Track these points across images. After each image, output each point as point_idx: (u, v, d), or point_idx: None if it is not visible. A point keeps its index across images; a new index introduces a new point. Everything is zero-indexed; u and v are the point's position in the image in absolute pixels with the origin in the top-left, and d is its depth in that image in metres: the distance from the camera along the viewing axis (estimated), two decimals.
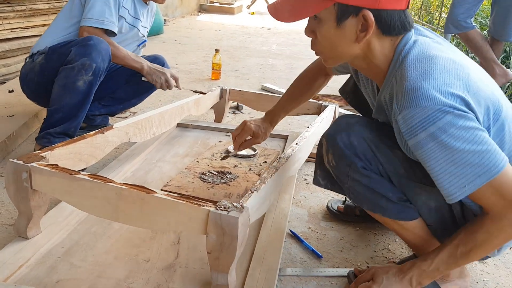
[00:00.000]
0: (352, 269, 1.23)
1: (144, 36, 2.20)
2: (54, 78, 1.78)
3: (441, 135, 0.89)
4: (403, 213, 1.10)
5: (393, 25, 0.98)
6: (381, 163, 1.07)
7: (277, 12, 1.01)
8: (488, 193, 0.92)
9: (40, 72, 1.85)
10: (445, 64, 0.95)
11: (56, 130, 1.75)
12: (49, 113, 1.77)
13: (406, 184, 1.08)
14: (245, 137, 1.56)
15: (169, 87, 2.06)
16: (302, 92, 1.56)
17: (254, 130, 1.55)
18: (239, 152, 1.91)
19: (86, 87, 1.73)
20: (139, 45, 2.20)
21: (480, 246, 0.97)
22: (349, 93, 1.41)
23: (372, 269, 1.13)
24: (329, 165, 1.14)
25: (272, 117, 1.60)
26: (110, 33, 1.91)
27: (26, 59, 1.98)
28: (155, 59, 2.19)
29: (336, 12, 0.96)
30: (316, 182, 1.22)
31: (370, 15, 0.94)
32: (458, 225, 1.10)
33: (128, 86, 2.18)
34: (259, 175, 1.73)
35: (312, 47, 1.06)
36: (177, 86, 2.11)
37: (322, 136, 1.16)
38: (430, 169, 0.93)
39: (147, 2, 2.13)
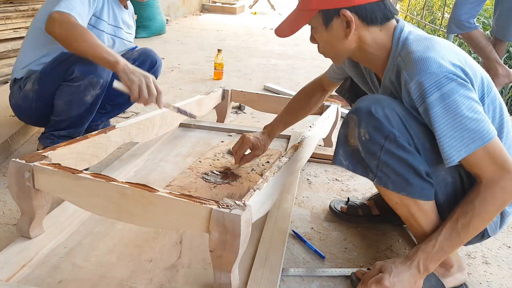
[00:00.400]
0: (355, 271, 1.23)
1: (131, 42, 2.03)
2: (53, 98, 1.71)
3: (446, 99, 1.00)
4: (426, 191, 1.09)
5: (375, 16, 1.12)
6: (411, 136, 1.07)
7: (279, 31, 1.22)
8: (481, 158, 1.02)
9: (38, 99, 1.72)
10: (443, 42, 1.11)
11: (60, 133, 1.75)
12: (54, 121, 1.75)
13: (431, 158, 1.09)
14: (245, 149, 1.64)
15: (149, 96, 1.49)
16: (301, 107, 1.67)
17: (253, 142, 1.64)
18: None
19: (94, 99, 1.72)
20: (130, 50, 2.04)
21: (478, 215, 1.02)
22: (346, 91, 1.53)
23: (377, 264, 1.12)
24: (360, 140, 1.10)
25: (270, 130, 1.69)
26: None
27: (10, 85, 1.81)
28: (143, 54, 1.99)
29: (322, 18, 1.14)
30: (338, 162, 1.16)
31: (348, 13, 1.10)
32: None
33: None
34: (261, 175, 1.73)
35: (319, 51, 1.23)
36: (157, 102, 1.53)
37: (350, 113, 1.12)
38: (436, 132, 1.03)
39: (126, 6, 1.93)
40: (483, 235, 1.17)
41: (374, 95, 1.15)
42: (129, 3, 1.97)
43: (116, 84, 1.47)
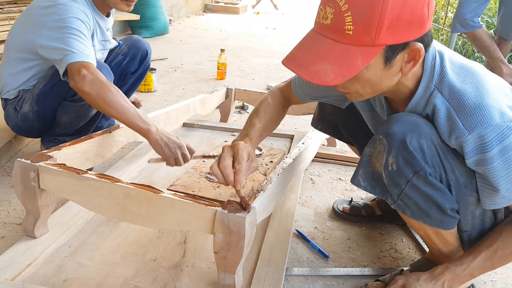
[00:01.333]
0: (366, 284, 1.20)
1: (114, 41, 1.95)
2: (55, 114, 1.69)
3: (508, 152, 0.91)
4: (446, 224, 1.05)
5: (428, 44, 0.93)
6: (445, 169, 1.00)
7: (317, 75, 0.87)
8: None
9: (38, 118, 1.69)
10: (489, 77, 0.97)
11: (65, 139, 1.75)
12: (57, 131, 1.75)
13: (463, 193, 1.03)
14: (245, 161, 1.13)
15: (184, 161, 1.50)
16: (273, 123, 1.30)
17: (249, 152, 1.12)
18: None
19: (98, 112, 1.73)
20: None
21: None
22: (320, 122, 1.46)
23: (400, 279, 1.08)
24: (385, 169, 1.00)
25: (250, 140, 1.19)
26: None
27: (2, 105, 1.75)
28: (132, 47, 1.94)
29: (384, 53, 0.88)
30: (356, 182, 1.08)
31: (420, 46, 0.88)
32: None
33: (121, 87, 2.01)
34: (265, 175, 1.73)
35: (343, 90, 0.98)
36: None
37: (381, 134, 1.00)
38: (496, 184, 0.95)
39: (107, 14, 1.81)
40: None
41: (410, 117, 0.98)
42: (112, 12, 1.86)
43: (153, 161, 1.48)
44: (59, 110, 1.69)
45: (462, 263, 1.04)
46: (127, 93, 2.06)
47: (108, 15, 1.82)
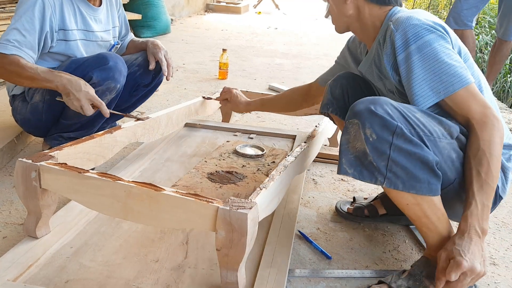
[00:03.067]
0: (369, 286, 1.20)
1: (112, 39, 1.93)
2: (64, 106, 1.67)
3: (426, 47, 1.14)
4: (433, 185, 1.09)
5: None
6: (413, 126, 1.09)
7: None
8: (466, 98, 1.12)
9: (48, 109, 1.71)
10: (428, 13, 1.26)
11: (69, 135, 1.75)
12: (63, 124, 1.75)
13: (434, 141, 1.11)
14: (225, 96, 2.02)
15: (86, 112, 1.57)
16: (281, 101, 1.87)
17: (233, 93, 1.99)
18: (247, 152, 1.91)
19: (109, 103, 1.73)
20: (109, 50, 1.94)
21: (491, 156, 1.07)
22: (331, 105, 1.51)
23: (442, 255, 1.06)
24: (367, 142, 1.09)
25: (250, 100, 1.96)
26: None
27: (10, 102, 1.81)
28: (148, 48, 1.93)
29: None
30: (343, 172, 1.14)
31: None
32: None
33: (131, 97, 2.04)
34: (267, 175, 1.73)
35: (328, 13, 1.38)
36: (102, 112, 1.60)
37: (351, 118, 1.12)
38: (413, 77, 1.14)
39: (98, 3, 1.82)
40: (496, 200, 1.20)
41: (366, 98, 1.15)
42: None
43: (59, 98, 1.60)
44: None
45: (470, 202, 1.06)
46: (136, 104, 2.09)
47: (99, 5, 1.82)
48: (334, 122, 1.63)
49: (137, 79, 1.94)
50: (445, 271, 1.02)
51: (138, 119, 1.66)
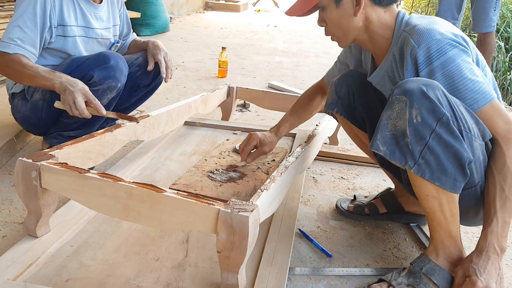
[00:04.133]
0: (370, 284, 1.20)
1: (113, 37, 1.91)
2: None
3: (449, 64, 1.11)
4: (458, 183, 1.09)
5: None
6: (456, 118, 1.07)
7: (291, 11, 1.28)
8: (490, 114, 1.11)
9: (48, 108, 1.68)
10: (444, 20, 1.22)
11: (69, 134, 1.75)
12: (64, 123, 1.74)
13: (471, 139, 1.10)
14: (252, 145, 1.64)
15: (79, 114, 1.54)
16: (304, 110, 1.70)
17: (260, 139, 1.64)
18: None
19: (108, 102, 1.73)
20: (109, 49, 1.93)
21: None
22: (336, 105, 1.47)
23: (459, 272, 1.09)
24: (410, 122, 1.06)
25: (277, 130, 1.68)
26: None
27: (10, 100, 1.80)
28: (148, 49, 1.92)
29: None
30: (375, 147, 1.11)
31: None
32: None
33: (131, 97, 2.03)
34: (267, 173, 1.72)
35: (326, 34, 1.31)
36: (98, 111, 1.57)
37: (397, 95, 1.09)
38: None
39: (99, 0, 1.82)
40: None
41: (418, 78, 1.11)
42: None
43: (57, 104, 1.58)
44: None
45: (491, 219, 1.07)
46: (136, 104, 2.07)
47: (99, 2, 1.81)
48: (337, 121, 1.62)
49: (137, 79, 1.94)
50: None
51: (132, 120, 1.61)
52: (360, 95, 1.41)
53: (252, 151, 1.67)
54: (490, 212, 1.08)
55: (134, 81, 1.93)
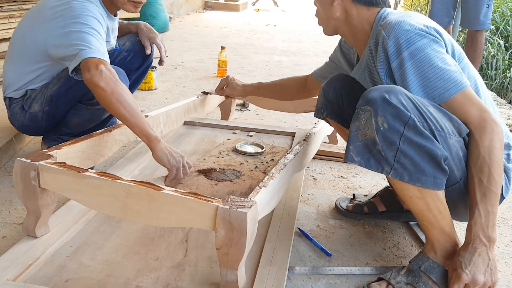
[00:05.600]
0: (369, 283, 1.20)
1: (116, 43, 1.90)
2: (65, 116, 1.68)
3: (418, 53, 1.12)
4: (439, 180, 1.09)
5: None
6: (425, 119, 1.08)
7: None
8: (462, 103, 1.11)
9: (48, 119, 1.68)
10: (421, 14, 1.24)
11: (70, 139, 1.74)
12: (64, 131, 1.74)
13: (444, 137, 1.10)
14: (222, 84, 2.07)
15: (184, 174, 1.55)
16: (279, 86, 1.88)
17: (230, 80, 2.05)
18: (246, 150, 1.91)
19: (109, 115, 1.73)
20: (110, 52, 1.87)
21: (492, 163, 1.07)
22: (325, 109, 1.50)
23: (449, 265, 1.11)
24: (377, 130, 1.07)
25: (247, 85, 2.03)
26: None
27: (7, 105, 1.73)
28: (134, 35, 1.92)
29: None
30: (349, 159, 1.13)
31: None
32: None
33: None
34: (265, 173, 1.72)
35: (315, 15, 1.37)
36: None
37: (364, 105, 1.10)
38: (408, 85, 1.13)
39: (115, 14, 1.79)
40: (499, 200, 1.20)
41: (381, 85, 1.13)
42: (117, 12, 1.83)
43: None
44: (71, 112, 1.69)
45: (474, 211, 1.07)
46: (130, 89, 2.02)
47: (116, 15, 1.80)
48: (330, 125, 1.62)
49: (127, 64, 1.91)
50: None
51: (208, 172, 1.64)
52: (349, 96, 1.42)
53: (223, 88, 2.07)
54: (472, 205, 1.08)
55: (125, 66, 1.90)
